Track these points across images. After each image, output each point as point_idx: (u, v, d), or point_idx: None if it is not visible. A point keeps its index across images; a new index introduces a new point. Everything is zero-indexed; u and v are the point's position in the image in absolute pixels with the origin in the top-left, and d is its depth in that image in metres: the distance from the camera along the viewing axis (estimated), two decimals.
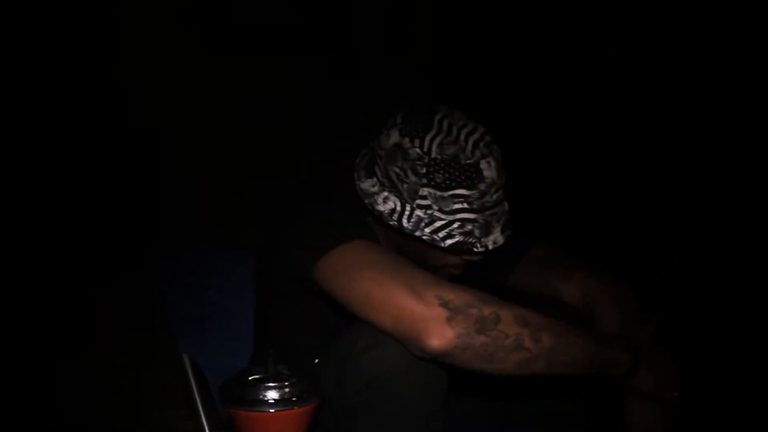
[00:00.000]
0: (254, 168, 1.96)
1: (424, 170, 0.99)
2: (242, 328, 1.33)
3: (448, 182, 0.99)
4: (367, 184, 1.05)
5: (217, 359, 1.30)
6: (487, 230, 1.02)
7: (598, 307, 1.14)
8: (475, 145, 1.00)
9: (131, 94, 1.74)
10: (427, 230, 1.01)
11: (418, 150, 1.00)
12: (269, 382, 0.87)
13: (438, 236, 1.01)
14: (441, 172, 0.99)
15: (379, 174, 1.04)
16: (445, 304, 0.89)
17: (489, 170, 1.00)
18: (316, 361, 1.12)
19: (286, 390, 0.87)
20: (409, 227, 1.02)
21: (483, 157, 1.00)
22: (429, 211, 1.01)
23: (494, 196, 1.02)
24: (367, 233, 1.03)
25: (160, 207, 1.80)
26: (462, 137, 1.00)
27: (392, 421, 0.94)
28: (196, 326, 1.32)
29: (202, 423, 1.26)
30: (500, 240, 1.04)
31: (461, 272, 1.10)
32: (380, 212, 1.04)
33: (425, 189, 1.00)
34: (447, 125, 1.01)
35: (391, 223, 1.03)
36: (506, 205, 1.08)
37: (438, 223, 1.01)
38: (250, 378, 0.89)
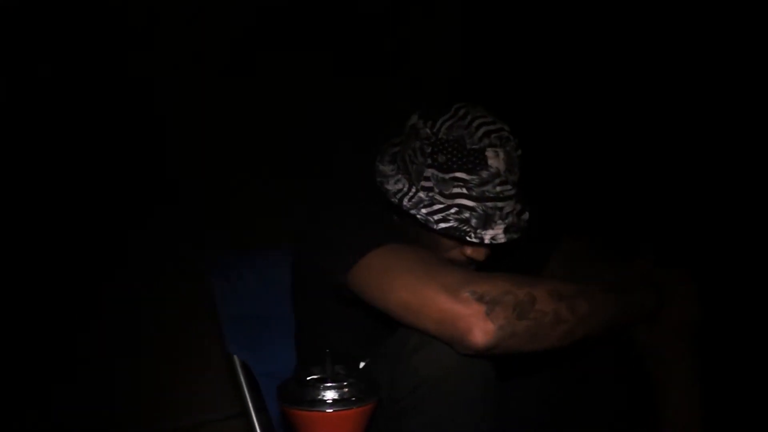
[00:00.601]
0: (303, 168, 1.97)
1: (429, 150, 1.01)
2: (290, 329, 1.36)
3: (449, 164, 1.00)
4: (387, 168, 1.08)
5: (266, 361, 1.33)
6: (485, 222, 1.01)
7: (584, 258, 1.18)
8: (486, 134, 1.00)
9: (167, 94, 1.76)
10: (423, 211, 1.02)
11: (428, 130, 1.02)
12: (327, 382, 0.88)
13: (433, 218, 1.01)
14: (444, 153, 1.00)
15: (398, 158, 1.07)
16: (480, 298, 0.89)
17: (495, 160, 1.00)
18: (362, 364, 1.13)
19: (345, 390, 0.88)
20: (408, 205, 1.03)
21: (491, 146, 1.00)
22: (430, 194, 1.02)
23: (498, 188, 1.01)
24: (393, 235, 1.04)
25: (211, 207, 1.82)
26: (474, 124, 1.00)
27: (444, 419, 0.94)
28: (244, 328, 1.35)
29: (253, 422, 1.29)
30: (501, 237, 1.02)
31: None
32: (387, 190, 1.06)
33: (429, 170, 1.01)
34: (463, 113, 1.02)
35: (393, 200, 1.05)
36: (525, 215, 1.08)
37: (436, 206, 1.02)
38: (308, 378, 0.91)
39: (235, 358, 1.31)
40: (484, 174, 1.00)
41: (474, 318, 0.89)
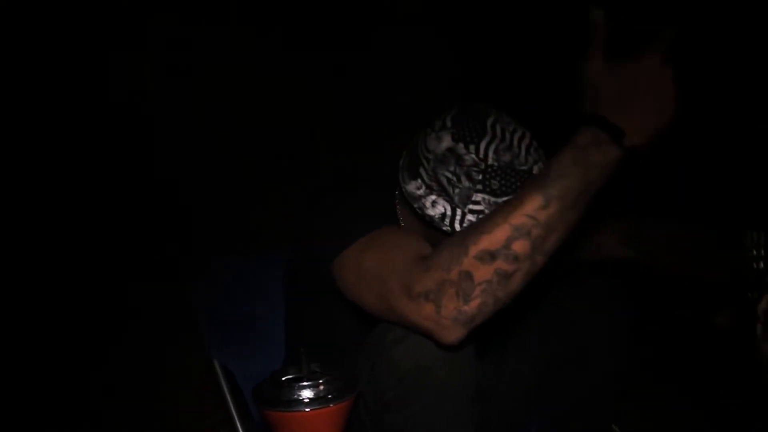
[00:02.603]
0: (284, 172, 1.95)
1: (480, 177, 1.01)
2: (274, 332, 1.34)
3: (503, 189, 1.01)
4: (412, 186, 1.06)
5: (250, 365, 1.31)
6: None
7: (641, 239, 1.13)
8: (528, 151, 1.02)
9: (146, 95, 1.74)
10: None
11: (473, 156, 1.01)
12: (303, 382, 0.87)
13: None
14: (497, 179, 1.01)
15: (425, 177, 1.05)
16: (426, 296, 0.85)
17: None
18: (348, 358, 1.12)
19: (321, 388, 0.87)
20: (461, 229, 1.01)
21: (535, 162, 1.02)
22: (481, 216, 1.01)
23: None
24: (383, 220, 1.02)
25: (190, 214, 1.80)
26: (515, 143, 1.02)
27: (427, 411, 0.93)
28: (227, 333, 1.33)
29: (237, 429, 1.27)
30: None
31: None
32: (431, 217, 1.05)
33: (479, 195, 1.02)
34: (500, 131, 1.02)
35: (444, 228, 1.04)
36: None
37: None
38: (284, 378, 0.89)
39: (216, 362, 1.29)
40: None
41: (430, 321, 0.86)
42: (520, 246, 0.82)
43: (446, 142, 1.03)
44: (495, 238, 0.83)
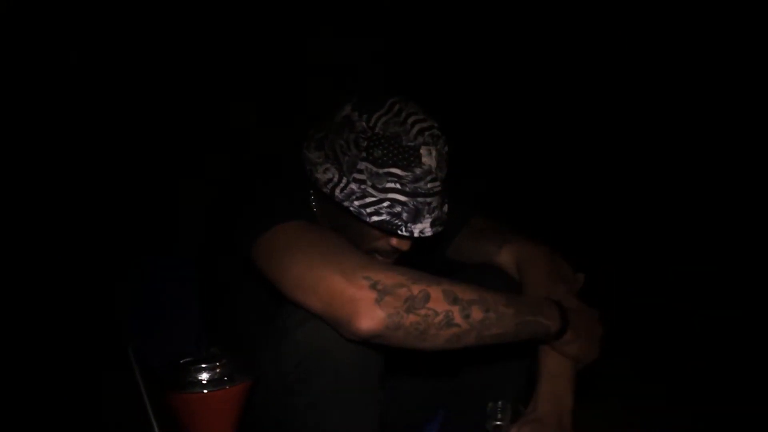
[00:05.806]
0: (204, 170, 1.95)
1: (365, 144, 1.02)
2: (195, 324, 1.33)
3: (384, 159, 1.02)
4: (314, 155, 1.07)
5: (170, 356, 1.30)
6: (415, 217, 1.03)
7: (528, 270, 1.17)
8: (420, 132, 1.02)
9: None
10: (356, 203, 1.03)
11: (363, 124, 1.03)
12: (201, 364, 0.88)
13: (365, 211, 1.02)
14: (380, 148, 1.02)
15: (326, 146, 1.06)
16: (374, 286, 0.90)
17: (428, 158, 1.03)
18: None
19: (218, 370, 0.88)
20: (340, 197, 1.03)
21: (425, 144, 1.02)
22: (362, 186, 1.03)
23: (429, 185, 1.04)
24: (303, 213, 1.04)
25: (110, 211, 1.78)
26: (409, 121, 1.03)
27: (328, 394, 0.95)
28: (146, 322, 1.32)
29: (149, 413, 1.26)
30: (428, 231, 1.05)
31: (391, 260, 1.10)
32: (317, 179, 1.06)
33: (363, 163, 1.02)
34: (398, 109, 1.04)
35: (324, 190, 1.05)
36: (445, 206, 1.10)
37: (368, 199, 1.03)
38: (182, 361, 0.90)
39: (130, 350, 1.28)
40: (418, 171, 1.02)
41: (363, 303, 0.89)
42: (476, 312, 0.95)
43: (346, 110, 1.05)
44: (467, 292, 0.96)
